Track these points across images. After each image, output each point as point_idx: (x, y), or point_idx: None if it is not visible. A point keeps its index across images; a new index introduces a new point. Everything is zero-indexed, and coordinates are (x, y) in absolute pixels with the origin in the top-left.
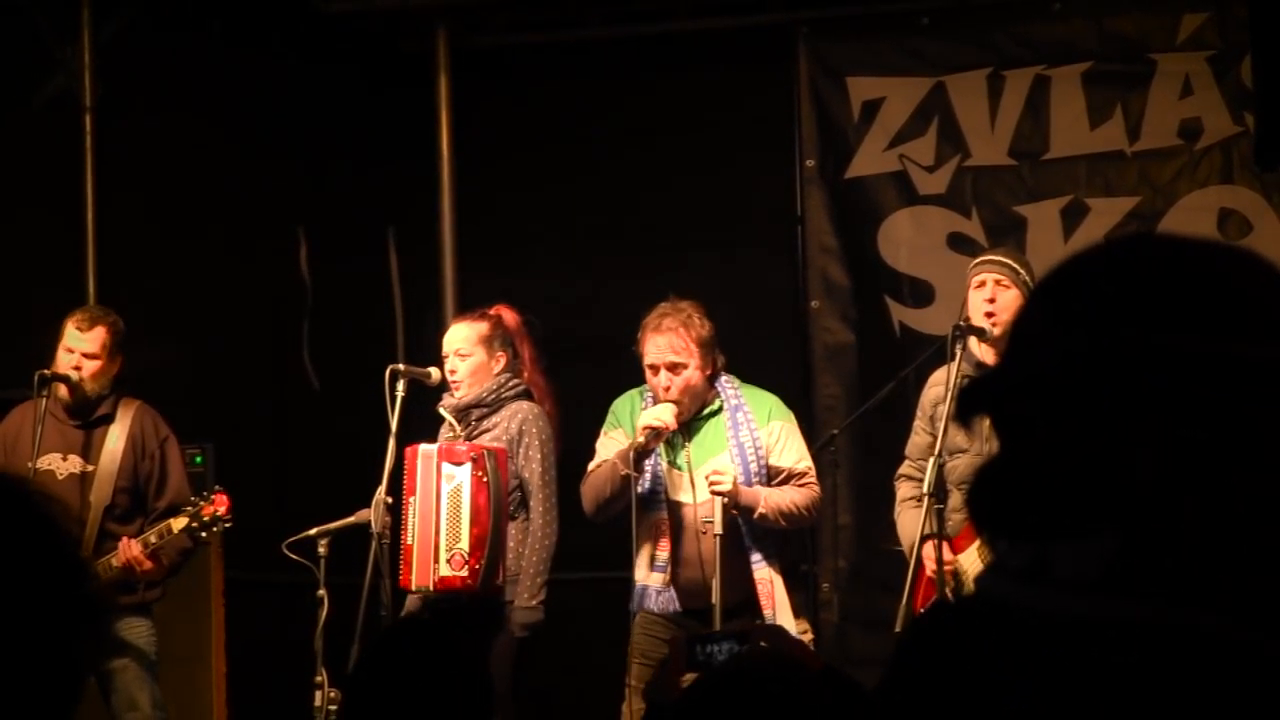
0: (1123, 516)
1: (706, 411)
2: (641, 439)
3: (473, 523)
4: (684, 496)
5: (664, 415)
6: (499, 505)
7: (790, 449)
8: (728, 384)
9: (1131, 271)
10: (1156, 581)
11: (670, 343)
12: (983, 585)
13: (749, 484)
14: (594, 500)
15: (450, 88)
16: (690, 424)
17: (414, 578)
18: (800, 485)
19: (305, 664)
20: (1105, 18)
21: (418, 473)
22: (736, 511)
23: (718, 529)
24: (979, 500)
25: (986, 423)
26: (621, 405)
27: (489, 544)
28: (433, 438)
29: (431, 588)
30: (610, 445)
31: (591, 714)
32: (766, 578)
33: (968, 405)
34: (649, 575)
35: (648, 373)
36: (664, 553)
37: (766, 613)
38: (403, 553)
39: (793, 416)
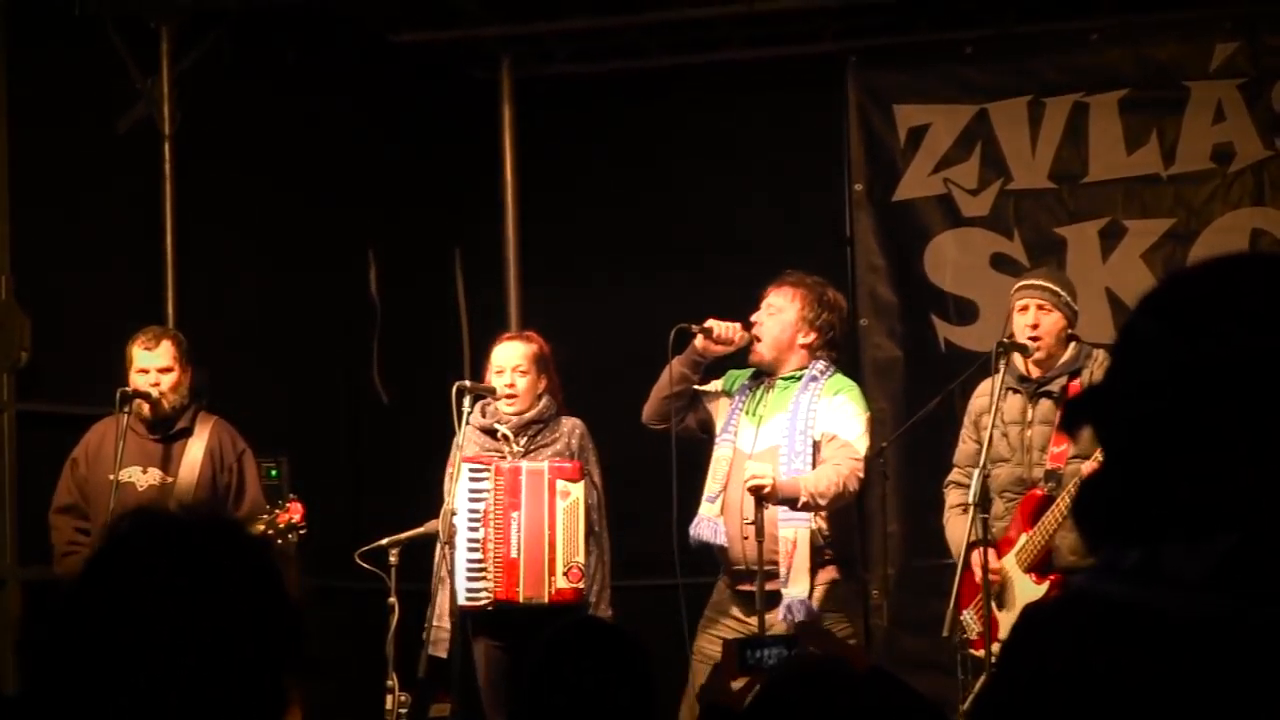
0: (1235, 518)
1: (790, 374)
2: (698, 340)
3: (585, 535)
4: (743, 443)
5: (733, 326)
6: (594, 518)
7: (842, 416)
8: (822, 363)
9: (1242, 284)
10: (1267, 581)
11: (780, 290)
12: (1090, 585)
13: (792, 447)
14: (652, 396)
15: (514, 114)
16: (773, 383)
17: (521, 590)
18: (836, 454)
19: (377, 668)
20: (1141, 47)
21: (522, 489)
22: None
23: (749, 517)
24: (1086, 507)
25: (1030, 433)
26: (730, 373)
27: (592, 556)
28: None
29: (546, 600)
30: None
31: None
32: (790, 538)
33: (1075, 417)
34: (707, 505)
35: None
36: (717, 485)
37: (781, 572)
38: (503, 566)
39: (863, 404)
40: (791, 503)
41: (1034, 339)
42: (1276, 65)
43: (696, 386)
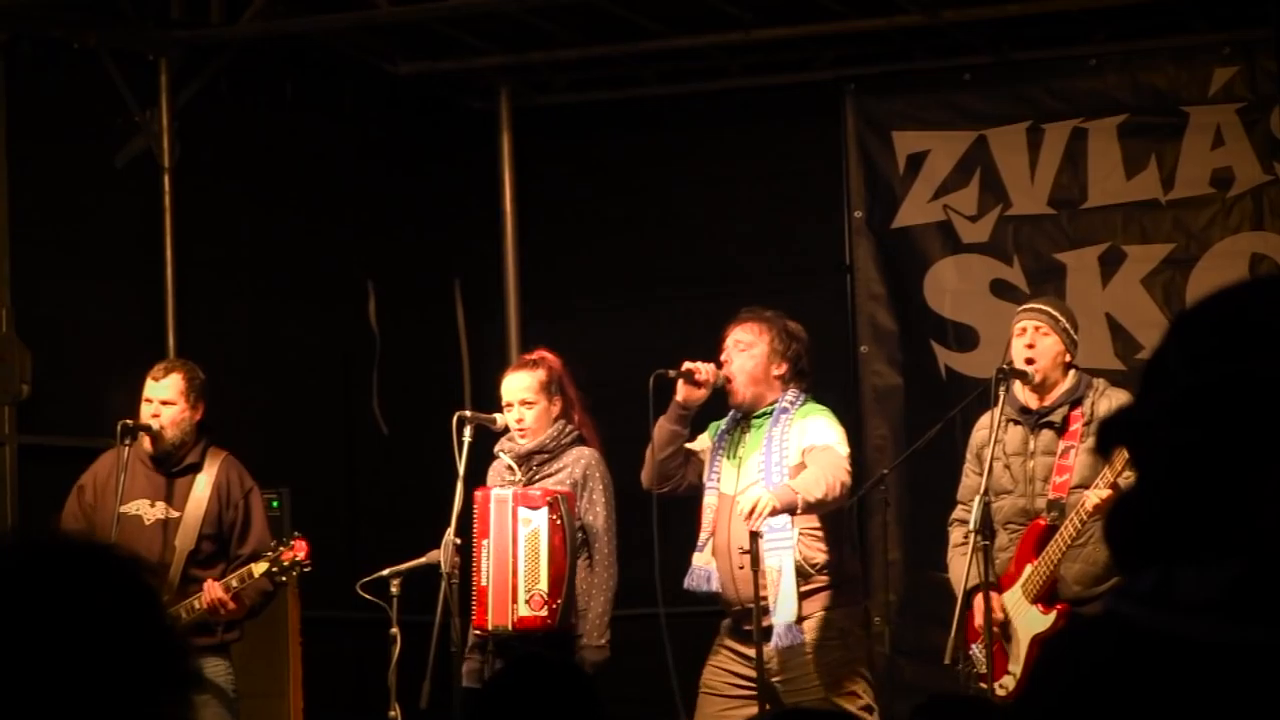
0: (1245, 543)
1: (764, 409)
2: (679, 393)
3: (550, 564)
4: (726, 487)
5: (709, 367)
6: (572, 547)
7: (817, 429)
8: (792, 393)
9: (1260, 308)
10: (1275, 606)
11: (745, 327)
12: (1110, 608)
13: (769, 479)
14: (648, 461)
15: (513, 144)
16: (749, 420)
17: (490, 618)
18: (819, 458)
19: (379, 699)
20: (1140, 72)
21: (491, 516)
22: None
23: (744, 546)
24: (1116, 529)
25: (1032, 464)
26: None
27: (565, 584)
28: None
29: (510, 627)
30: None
31: None
32: (775, 567)
33: (1106, 438)
34: (698, 554)
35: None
36: (705, 534)
37: (769, 601)
38: (476, 594)
39: (836, 423)
40: (792, 509)
41: (1029, 361)
42: (1275, 90)
43: (686, 445)
